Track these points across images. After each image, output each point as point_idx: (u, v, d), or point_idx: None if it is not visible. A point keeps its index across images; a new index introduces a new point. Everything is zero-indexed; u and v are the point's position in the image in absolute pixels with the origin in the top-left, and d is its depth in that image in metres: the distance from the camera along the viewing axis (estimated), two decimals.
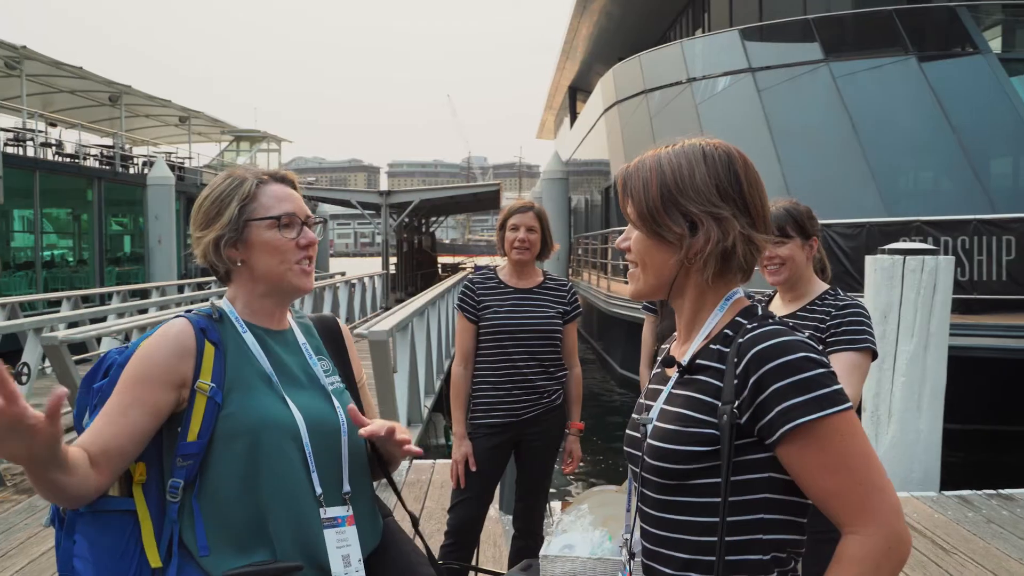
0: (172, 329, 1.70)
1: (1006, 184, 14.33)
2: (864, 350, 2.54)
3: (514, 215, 3.62)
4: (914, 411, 5.95)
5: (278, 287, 1.77)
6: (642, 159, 1.44)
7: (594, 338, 20.21)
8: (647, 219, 1.40)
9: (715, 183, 1.37)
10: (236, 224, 1.73)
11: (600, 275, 18.19)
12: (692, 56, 18.37)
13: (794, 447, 1.25)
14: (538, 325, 3.59)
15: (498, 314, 3.58)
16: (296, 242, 1.75)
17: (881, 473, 1.27)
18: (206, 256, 1.76)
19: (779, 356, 1.27)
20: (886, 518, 1.23)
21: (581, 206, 29.48)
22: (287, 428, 1.69)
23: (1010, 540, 4.94)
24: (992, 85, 14.44)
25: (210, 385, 1.65)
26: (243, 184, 1.76)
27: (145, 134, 33.18)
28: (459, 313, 3.67)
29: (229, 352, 1.71)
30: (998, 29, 17.38)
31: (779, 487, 1.31)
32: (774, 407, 1.25)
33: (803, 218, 2.72)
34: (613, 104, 21.69)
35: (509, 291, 3.64)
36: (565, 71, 35.90)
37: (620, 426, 12.16)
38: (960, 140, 13.85)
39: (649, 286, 1.44)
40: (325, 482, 1.72)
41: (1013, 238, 9.29)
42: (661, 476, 1.36)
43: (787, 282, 2.73)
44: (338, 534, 1.70)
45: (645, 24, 25.60)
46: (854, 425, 1.26)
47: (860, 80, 15.14)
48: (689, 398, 1.36)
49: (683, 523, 1.34)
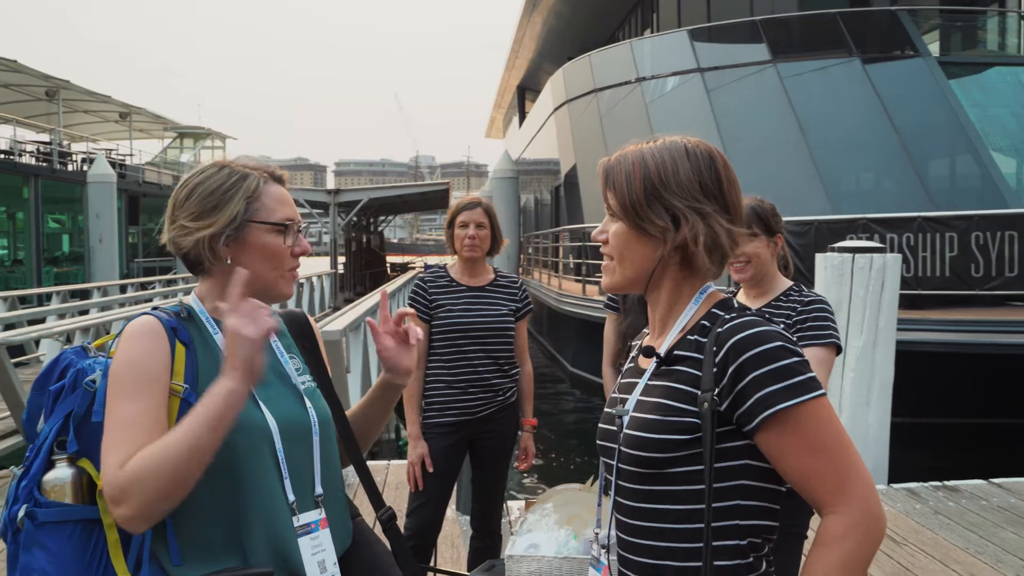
0: (146, 327, 1.60)
1: (944, 184, 14.71)
2: (829, 345, 2.59)
3: (463, 212, 3.58)
4: (863, 406, 6.05)
5: (263, 292, 1.69)
6: (624, 153, 1.46)
7: (544, 336, 20.25)
8: (630, 211, 1.41)
9: (698, 179, 1.40)
10: (239, 223, 1.64)
11: (551, 274, 18.21)
12: (641, 56, 18.50)
13: (773, 432, 1.29)
14: (492, 323, 3.56)
15: (452, 312, 3.54)
16: (292, 250, 1.70)
17: (856, 454, 1.31)
18: (195, 249, 1.65)
19: (757, 345, 1.30)
20: (863, 496, 1.28)
21: (531, 205, 29.53)
22: (260, 432, 1.62)
23: (956, 530, 5.05)
24: (932, 87, 14.81)
25: (183, 386, 1.58)
26: (247, 180, 1.67)
27: (84, 130, 32.39)
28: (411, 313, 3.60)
29: (199, 353, 1.63)
30: (936, 33, 17.86)
31: (755, 474, 1.34)
32: (753, 394, 1.29)
33: (768, 215, 2.75)
34: (563, 103, 21.77)
35: (462, 289, 3.60)
36: (514, 70, 35.94)
37: (571, 424, 12.23)
38: (902, 140, 14.18)
39: (626, 279, 1.46)
40: (297, 486, 1.66)
41: (955, 235, 9.54)
42: (639, 465, 1.37)
43: (752, 279, 2.75)
44: (312, 540, 1.64)
45: (594, 24, 25.75)
46: (829, 410, 1.30)
47: (806, 81, 15.42)
48: (668, 388, 1.38)
49: (661, 512, 1.36)
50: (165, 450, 1.44)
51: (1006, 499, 5.67)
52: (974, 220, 9.65)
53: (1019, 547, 4.74)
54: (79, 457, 1.58)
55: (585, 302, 13.53)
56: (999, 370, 8.81)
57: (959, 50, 17.95)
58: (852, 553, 1.25)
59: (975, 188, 13.76)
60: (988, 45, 18.26)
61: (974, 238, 9.45)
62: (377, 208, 36.78)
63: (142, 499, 1.43)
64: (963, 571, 4.42)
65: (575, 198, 19.71)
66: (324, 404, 1.79)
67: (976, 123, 14.32)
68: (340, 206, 27.36)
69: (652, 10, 21.83)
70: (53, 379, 1.64)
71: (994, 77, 16.34)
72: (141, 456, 1.45)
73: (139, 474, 1.43)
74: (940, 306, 9.68)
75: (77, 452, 1.58)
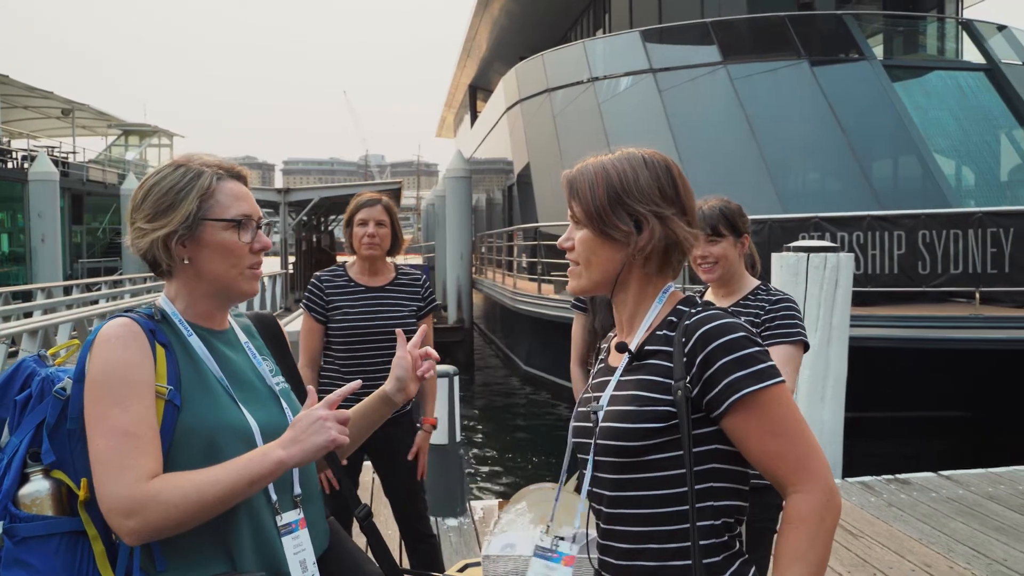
0: (125, 330, 1.57)
1: (889, 184, 15.07)
2: (797, 343, 2.67)
3: (362, 209, 3.46)
4: (819, 402, 6.18)
5: (225, 290, 1.68)
6: (584, 165, 1.57)
7: (497, 335, 20.25)
8: (594, 218, 1.52)
9: (657, 186, 1.52)
10: (192, 221, 1.62)
11: (505, 273, 18.23)
12: (594, 56, 18.60)
13: (740, 416, 1.40)
14: (392, 326, 3.39)
15: (348, 315, 3.41)
16: (250, 246, 1.68)
17: (812, 436, 1.43)
18: (151, 250, 1.64)
19: (723, 335, 1.42)
20: (822, 473, 1.39)
21: (482, 204, 29.49)
22: (242, 433, 1.61)
23: (910, 522, 5.19)
24: (877, 90, 15.16)
25: (167, 388, 1.55)
26: (200, 177, 1.65)
27: (24, 126, 31.51)
28: (305, 313, 3.48)
29: (178, 354, 1.61)
30: (880, 37, 18.30)
31: (725, 457, 1.45)
32: (721, 380, 1.40)
33: (735, 216, 2.79)
34: (516, 103, 21.76)
35: (360, 290, 3.47)
36: (466, 69, 35.85)
37: (524, 423, 12.19)
38: (849, 141, 14.49)
39: (592, 282, 1.56)
40: (278, 487, 1.66)
41: (903, 233, 9.79)
42: (616, 455, 1.46)
43: (721, 279, 2.79)
44: (294, 540, 1.64)
45: (546, 24, 25.79)
46: (788, 396, 1.43)
47: (756, 82, 15.66)
48: (641, 381, 1.48)
49: (639, 498, 1.46)
50: (199, 486, 1.46)
51: (954, 491, 5.84)
52: (921, 219, 9.91)
53: (968, 536, 4.90)
54: (52, 468, 1.54)
55: (541, 301, 13.57)
56: (942, 364, 9.06)
57: (901, 54, 18.41)
58: (817, 528, 1.36)
59: (919, 188, 14.12)
60: (928, 50, 18.76)
61: (921, 236, 9.71)
62: (328, 207, 36.38)
63: (157, 521, 1.44)
64: (917, 561, 4.55)
65: (528, 197, 19.73)
66: (298, 405, 1.79)
67: (919, 125, 14.70)
68: (290, 205, 26.98)
69: (604, 11, 21.95)
70: (15, 389, 1.59)
71: (935, 81, 16.80)
72: (171, 481, 1.45)
73: (165, 497, 1.44)
74: (889, 303, 9.93)
75: (52, 463, 1.53)
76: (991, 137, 15.86)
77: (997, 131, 15.95)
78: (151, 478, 1.45)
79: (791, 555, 1.36)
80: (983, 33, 17.45)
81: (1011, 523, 5.14)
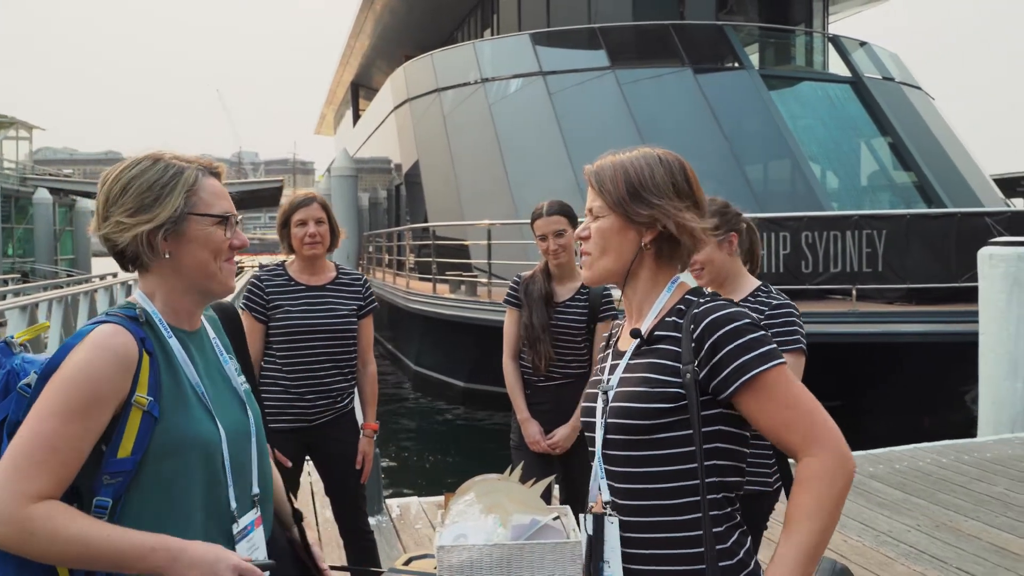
0: (113, 341, 1.51)
1: (767, 187, 15.86)
2: (797, 350, 2.59)
3: (299, 209, 3.43)
4: None
5: (204, 285, 1.67)
6: (603, 162, 1.70)
7: (384, 335, 20.04)
8: (618, 207, 1.64)
9: (671, 181, 1.64)
10: (179, 216, 1.60)
11: (395, 272, 18.05)
12: (484, 57, 18.69)
13: (750, 395, 1.51)
14: (333, 324, 3.43)
15: (290, 314, 3.40)
16: (230, 242, 1.68)
17: (820, 408, 1.53)
18: (133, 244, 1.59)
19: (729, 323, 1.54)
20: (833, 438, 1.49)
21: (366, 203, 29.13)
22: (214, 446, 1.61)
23: None
24: (755, 97, 15.92)
25: (148, 399, 1.52)
26: (184, 173, 1.64)
27: None
28: (245, 313, 3.41)
29: (160, 362, 1.58)
30: (756, 47, 19.21)
31: (727, 437, 1.57)
32: (729, 364, 1.51)
33: (715, 216, 2.65)
34: (404, 101, 21.61)
35: (300, 289, 3.46)
36: (348, 67, 35.29)
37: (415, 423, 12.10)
38: (730, 146, 15.16)
39: (606, 270, 1.68)
40: (238, 491, 1.67)
41: (788, 234, 10.35)
42: (626, 433, 1.58)
43: (712, 283, 2.70)
44: (248, 543, 1.67)
45: (432, 23, 25.71)
46: (791, 373, 1.55)
47: (643, 88, 16.14)
48: (651, 364, 1.59)
49: (650, 474, 1.57)
50: (87, 539, 1.42)
51: None
52: (804, 221, 10.51)
53: (856, 513, 5.22)
54: None
55: (437, 301, 13.52)
56: (819, 357, 9.58)
57: (773, 64, 19.41)
58: (828, 488, 1.45)
59: (795, 191, 14.93)
60: (798, 61, 19.87)
61: (804, 237, 10.29)
62: None
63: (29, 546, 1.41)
64: None
65: (417, 196, 19.62)
66: (258, 408, 1.81)
67: (793, 131, 15.54)
68: None
69: (492, 11, 22.08)
70: None
71: (806, 90, 17.83)
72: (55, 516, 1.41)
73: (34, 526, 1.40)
74: None
75: None
76: (854, 145, 16.99)
77: (859, 139, 17.11)
78: (39, 499, 1.41)
79: (800, 513, 1.45)
80: (848, 48, 18.61)
81: (892, 499, 5.52)
